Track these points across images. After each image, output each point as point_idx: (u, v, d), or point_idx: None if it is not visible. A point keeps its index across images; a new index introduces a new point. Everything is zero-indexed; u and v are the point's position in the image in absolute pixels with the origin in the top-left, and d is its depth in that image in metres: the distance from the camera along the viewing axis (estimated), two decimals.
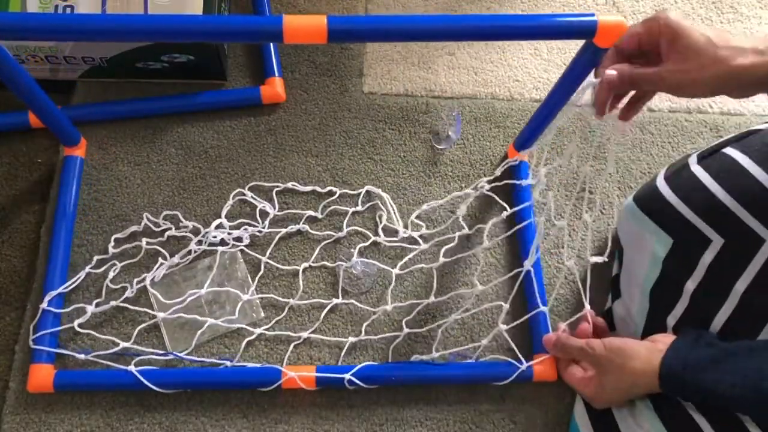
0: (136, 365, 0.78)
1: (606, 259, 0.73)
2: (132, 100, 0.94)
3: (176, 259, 0.84)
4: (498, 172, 0.88)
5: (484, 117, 0.95)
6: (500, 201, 0.89)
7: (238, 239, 0.86)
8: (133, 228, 0.87)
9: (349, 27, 0.61)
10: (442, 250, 0.84)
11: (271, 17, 0.61)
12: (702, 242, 0.68)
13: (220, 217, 0.87)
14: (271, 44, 0.97)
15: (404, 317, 0.82)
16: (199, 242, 0.85)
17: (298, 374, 0.77)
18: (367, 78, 0.98)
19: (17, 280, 0.85)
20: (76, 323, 0.80)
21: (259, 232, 0.87)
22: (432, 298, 0.82)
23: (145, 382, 0.76)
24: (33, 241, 0.87)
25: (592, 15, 0.62)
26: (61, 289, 0.81)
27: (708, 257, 0.68)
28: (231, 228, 0.86)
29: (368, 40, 0.64)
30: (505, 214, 0.84)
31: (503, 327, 0.79)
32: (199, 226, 0.87)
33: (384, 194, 0.89)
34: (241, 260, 0.85)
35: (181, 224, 0.87)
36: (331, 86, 0.97)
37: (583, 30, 0.63)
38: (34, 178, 0.91)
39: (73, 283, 0.82)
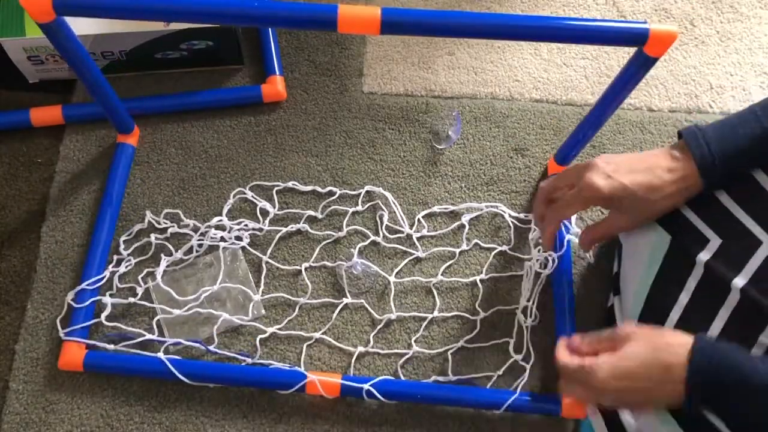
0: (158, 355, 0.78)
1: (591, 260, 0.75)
2: (131, 99, 0.93)
3: (179, 254, 0.84)
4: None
5: (484, 117, 0.95)
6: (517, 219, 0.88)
7: (238, 238, 0.86)
8: (138, 226, 0.87)
9: (403, 19, 0.63)
10: (441, 268, 0.85)
11: (326, 6, 0.63)
12: (700, 241, 0.68)
13: (220, 215, 0.87)
14: (272, 43, 0.97)
15: (412, 334, 0.82)
16: (201, 238, 0.85)
17: (322, 379, 0.76)
18: (367, 78, 0.98)
19: (17, 280, 0.85)
20: (103, 316, 0.80)
21: (260, 230, 0.87)
22: (436, 313, 0.83)
23: (174, 371, 0.76)
24: (33, 241, 0.87)
25: (645, 23, 0.63)
26: (96, 278, 0.82)
27: (705, 256, 0.68)
28: (231, 226, 0.86)
29: (420, 34, 0.67)
30: (504, 247, 0.86)
31: (518, 357, 0.80)
32: (200, 225, 0.87)
33: (386, 193, 0.89)
34: (242, 258, 0.85)
35: (182, 223, 0.87)
36: (331, 86, 0.97)
37: (634, 38, 0.64)
38: (34, 178, 0.91)
39: (104, 278, 0.82)
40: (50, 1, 0.62)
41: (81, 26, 0.86)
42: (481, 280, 0.84)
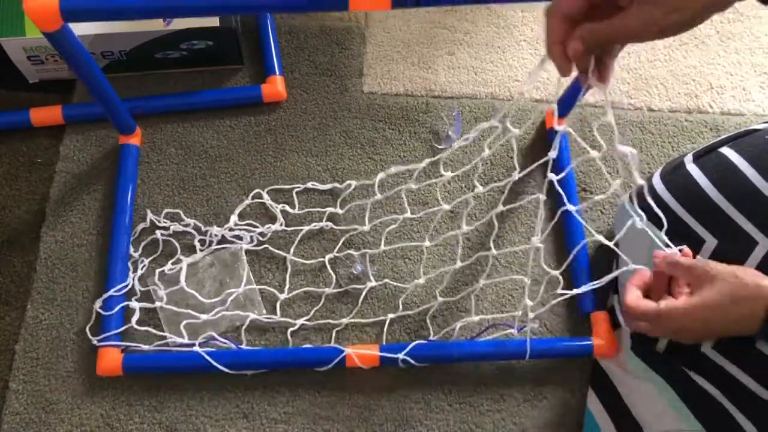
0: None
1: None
2: (132, 99, 0.93)
3: (198, 255, 0.84)
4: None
5: (484, 117, 0.95)
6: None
7: (239, 238, 0.86)
8: (141, 225, 0.87)
9: None
10: (464, 215, 0.79)
11: None
12: (696, 242, 0.68)
13: (221, 216, 0.87)
14: (272, 43, 0.97)
15: (437, 287, 0.82)
16: (211, 242, 0.86)
17: (360, 352, 0.77)
18: (367, 78, 0.98)
19: (17, 280, 0.85)
20: (133, 321, 0.80)
21: (263, 234, 0.86)
22: (459, 263, 0.80)
23: (214, 363, 0.76)
24: (33, 240, 0.87)
25: None
26: (120, 286, 0.82)
27: (702, 258, 0.68)
28: (231, 226, 0.86)
29: (433, 5, 0.67)
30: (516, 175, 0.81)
31: (529, 303, 0.75)
32: (200, 224, 0.87)
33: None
34: (243, 258, 0.85)
35: (182, 223, 0.87)
36: (331, 86, 0.97)
37: None
38: (34, 178, 0.91)
39: (126, 285, 0.82)
40: (57, 10, 0.62)
41: (81, 26, 0.86)
42: (496, 215, 0.77)
